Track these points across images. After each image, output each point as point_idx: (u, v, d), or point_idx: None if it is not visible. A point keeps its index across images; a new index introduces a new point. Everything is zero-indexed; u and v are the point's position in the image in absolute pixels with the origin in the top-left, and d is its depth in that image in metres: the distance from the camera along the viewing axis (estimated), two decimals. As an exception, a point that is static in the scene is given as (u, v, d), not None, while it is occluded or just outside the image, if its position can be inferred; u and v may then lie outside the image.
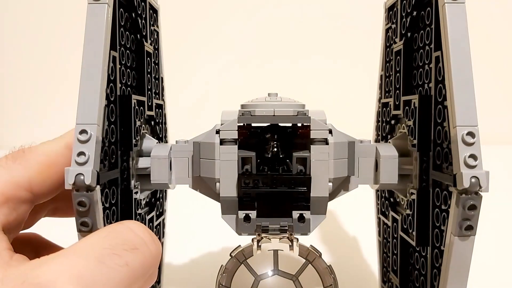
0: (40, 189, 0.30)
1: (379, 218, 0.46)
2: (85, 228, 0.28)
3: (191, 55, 1.15)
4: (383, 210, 0.45)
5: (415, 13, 0.36)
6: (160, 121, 0.43)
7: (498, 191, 0.41)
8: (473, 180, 0.28)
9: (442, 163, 0.31)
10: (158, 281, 0.45)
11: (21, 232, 0.32)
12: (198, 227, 0.66)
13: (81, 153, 0.28)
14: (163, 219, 0.45)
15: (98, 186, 0.28)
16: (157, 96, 0.42)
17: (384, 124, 0.43)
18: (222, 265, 0.34)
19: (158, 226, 0.44)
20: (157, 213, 0.43)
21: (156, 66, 0.42)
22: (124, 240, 0.27)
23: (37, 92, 1.20)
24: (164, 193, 0.45)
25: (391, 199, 0.42)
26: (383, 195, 0.44)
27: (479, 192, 0.28)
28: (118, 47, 0.32)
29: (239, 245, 0.34)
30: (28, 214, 0.31)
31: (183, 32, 1.13)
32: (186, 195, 0.45)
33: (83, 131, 0.28)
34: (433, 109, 0.32)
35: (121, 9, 0.33)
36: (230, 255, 0.34)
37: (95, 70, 0.29)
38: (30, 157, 0.30)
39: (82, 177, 0.27)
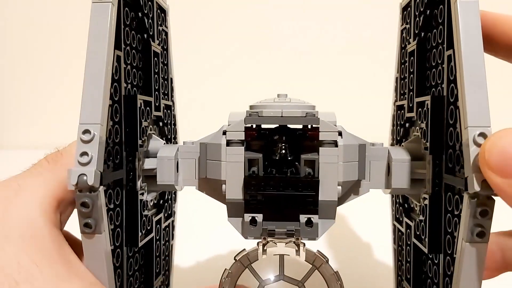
0: None
1: (394, 225, 0.45)
2: (88, 229, 0.28)
3: (201, 54, 1.14)
4: (397, 216, 0.43)
5: (428, 12, 0.35)
6: (169, 122, 0.43)
7: None
8: (484, 183, 0.26)
9: (454, 166, 0.30)
10: (168, 284, 0.45)
11: None
12: (207, 228, 0.65)
13: (84, 153, 0.28)
14: (172, 221, 0.45)
15: (102, 187, 0.28)
16: (165, 96, 0.42)
17: (398, 127, 0.42)
18: (226, 269, 0.33)
19: (167, 228, 0.44)
20: (166, 215, 0.42)
21: (165, 67, 0.42)
22: None
23: (40, 92, 1.21)
24: (173, 195, 0.45)
25: (405, 205, 0.41)
26: (398, 201, 0.43)
27: (492, 197, 0.27)
28: (123, 46, 0.32)
29: (244, 249, 0.34)
30: None
31: (192, 31, 1.13)
32: (195, 196, 0.44)
33: (86, 131, 0.28)
34: (445, 110, 0.31)
35: (126, 8, 0.33)
36: (235, 258, 0.33)
37: (98, 69, 0.29)
38: (68, 158, 0.31)
39: (85, 178, 0.27)
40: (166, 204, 0.42)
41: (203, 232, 0.65)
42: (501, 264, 0.32)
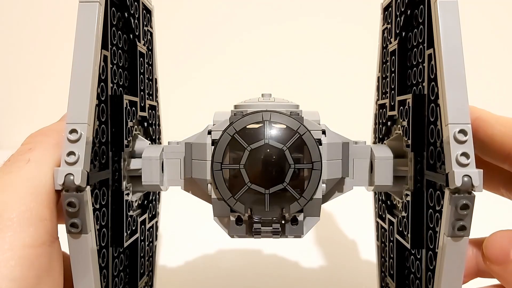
0: None
1: (377, 222, 0.46)
2: (75, 229, 0.28)
3: (185, 54, 1.14)
4: (380, 213, 0.44)
5: (408, 11, 0.36)
6: (154, 122, 0.43)
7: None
8: (465, 179, 0.27)
9: (435, 163, 0.31)
10: (151, 285, 0.45)
11: None
12: (192, 229, 0.65)
13: (71, 153, 0.28)
14: (156, 222, 0.45)
15: (88, 187, 0.28)
16: (150, 97, 0.42)
17: (380, 125, 0.43)
18: None
19: (151, 229, 0.44)
20: (150, 215, 0.42)
21: (150, 67, 0.42)
22: None
23: (41, 92, 1.20)
24: (157, 196, 0.45)
25: (388, 202, 0.42)
26: (380, 198, 0.44)
27: (472, 192, 0.27)
28: (109, 46, 0.32)
29: None
30: None
31: (177, 32, 1.13)
32: (180, 196, 0.44)
33: (73, 131, 0.28)
34: (426, 108, 0.32)
35: (113, 8, 0.33)
36: None
37: (85, 69, 0.29)
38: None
39: (72, 177, 0.27)
40: (150, 205, 0.42)
41: (189, 231, 0.65)
42: (474, 271, 0.33)
